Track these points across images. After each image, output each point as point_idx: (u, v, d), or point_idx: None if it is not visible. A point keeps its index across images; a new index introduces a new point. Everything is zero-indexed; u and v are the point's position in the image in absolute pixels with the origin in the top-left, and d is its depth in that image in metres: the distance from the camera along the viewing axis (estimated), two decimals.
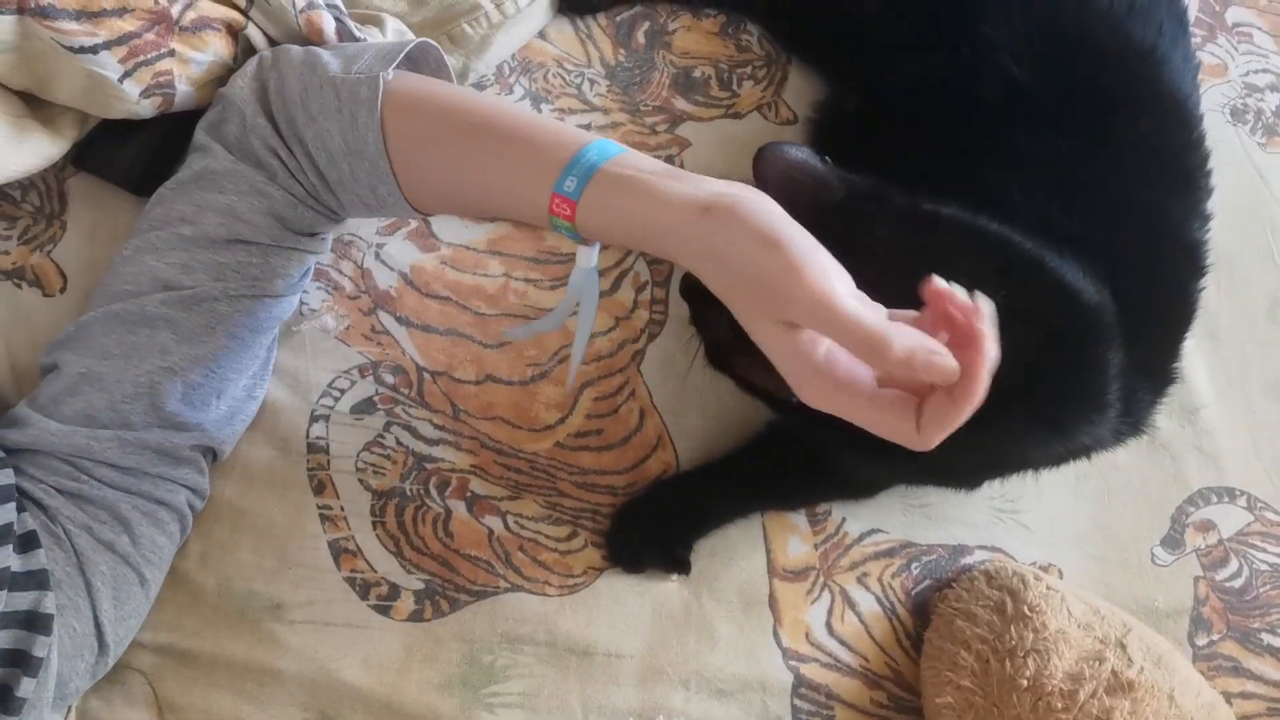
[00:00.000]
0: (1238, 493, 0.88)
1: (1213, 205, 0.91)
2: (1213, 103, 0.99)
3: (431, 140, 0.70)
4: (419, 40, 0.75)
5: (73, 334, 0.71)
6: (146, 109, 0.76)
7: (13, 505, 0.64)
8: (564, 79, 0.91)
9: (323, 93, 0.71)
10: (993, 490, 0.86)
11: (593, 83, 0.91)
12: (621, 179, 0.60)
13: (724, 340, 0.69)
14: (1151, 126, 0.79)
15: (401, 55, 0.72)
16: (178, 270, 0.70)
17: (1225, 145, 0.98)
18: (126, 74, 0.73)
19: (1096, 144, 0.77)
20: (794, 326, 0.52)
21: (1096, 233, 0.71)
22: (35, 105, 0.77)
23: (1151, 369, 0.75)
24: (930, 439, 0.51)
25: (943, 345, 0.49)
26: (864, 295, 0.52)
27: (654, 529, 0.80)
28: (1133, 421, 0.75)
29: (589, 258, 0.65)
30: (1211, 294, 0.92)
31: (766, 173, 0.67)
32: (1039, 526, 0.86)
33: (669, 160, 0.89)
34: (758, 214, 0.54)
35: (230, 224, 0.71)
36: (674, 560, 0.80)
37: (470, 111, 0.69)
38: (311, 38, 0.77)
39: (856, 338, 0.49)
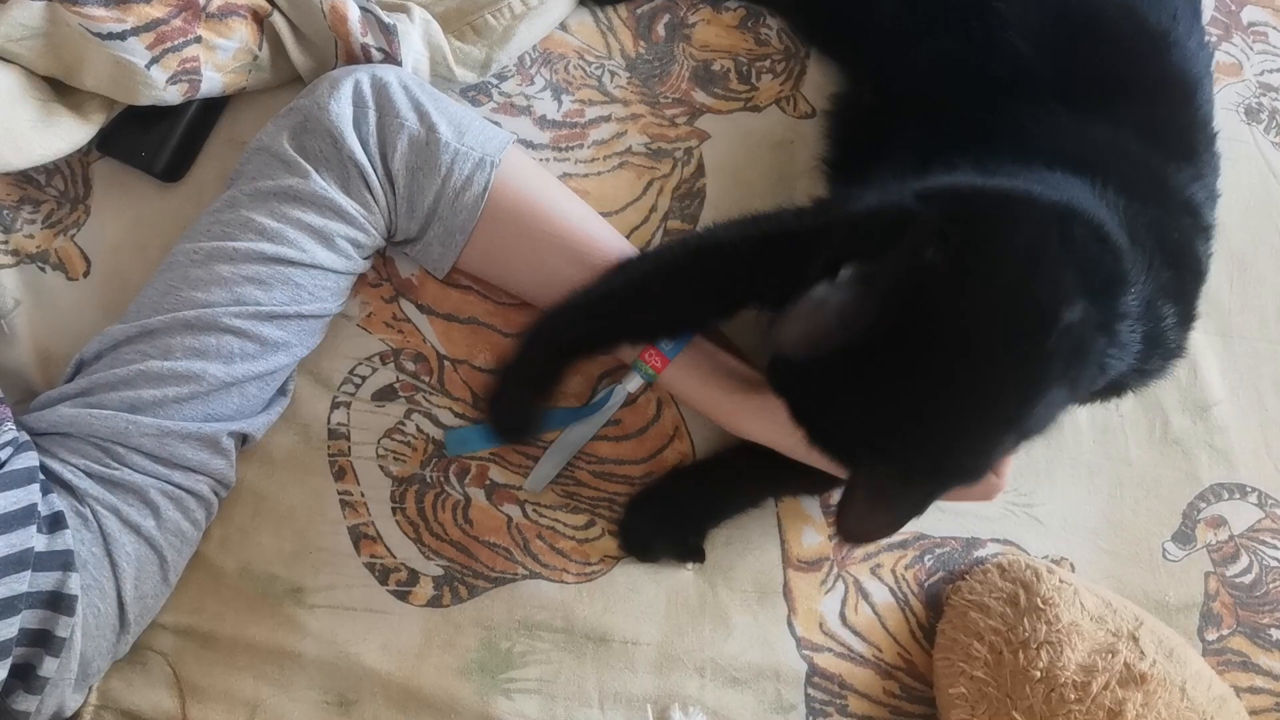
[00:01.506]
0: (1249, 489, 0.89)
1: (1224, 200, 0.92)
2: (1227, 102, 1.00)
3: (517, 251, 0.78)
4: (512, 137, 0.79)
5: (135, 333, 0.71)
6: (173, 95, 0.77)
7: (37, 486, 0.65)
8: (584, 70, 0.91)
9: (429, 150, 0.74)
10: (1007, 484, 0.86)
11: (613, 74, 0.92)
12: (705, 356, 0.77)
13: None
14: (1158, 105, 0.79)
15: (510, 140, 0.78)
16: (254, 285, 0.71)
17: (1239, 144, 0.98)
18: (153, 60, 0.74)
19: (1102, 118, 0.77)
20: None
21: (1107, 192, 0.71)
22: (62, 91, 0.78)
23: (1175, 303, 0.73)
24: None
25: None
26: None
27: (666, 517, 0.81)
28: (1163, 353, 0.73)
29: (634, 383, 0.79)
30: (1224, 291, 0.93)
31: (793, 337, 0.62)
32: (1052, 520, 0.86)
33: (688, 154, 0.90)
34: None
35: (314, 249, 0.72)
36: (687, 549, 0.81)
37: (572, 232, 0.77)
38: (335, 25, 0.78)
39: None
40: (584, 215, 0.80)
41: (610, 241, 0.79)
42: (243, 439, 0.76)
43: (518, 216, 0.77)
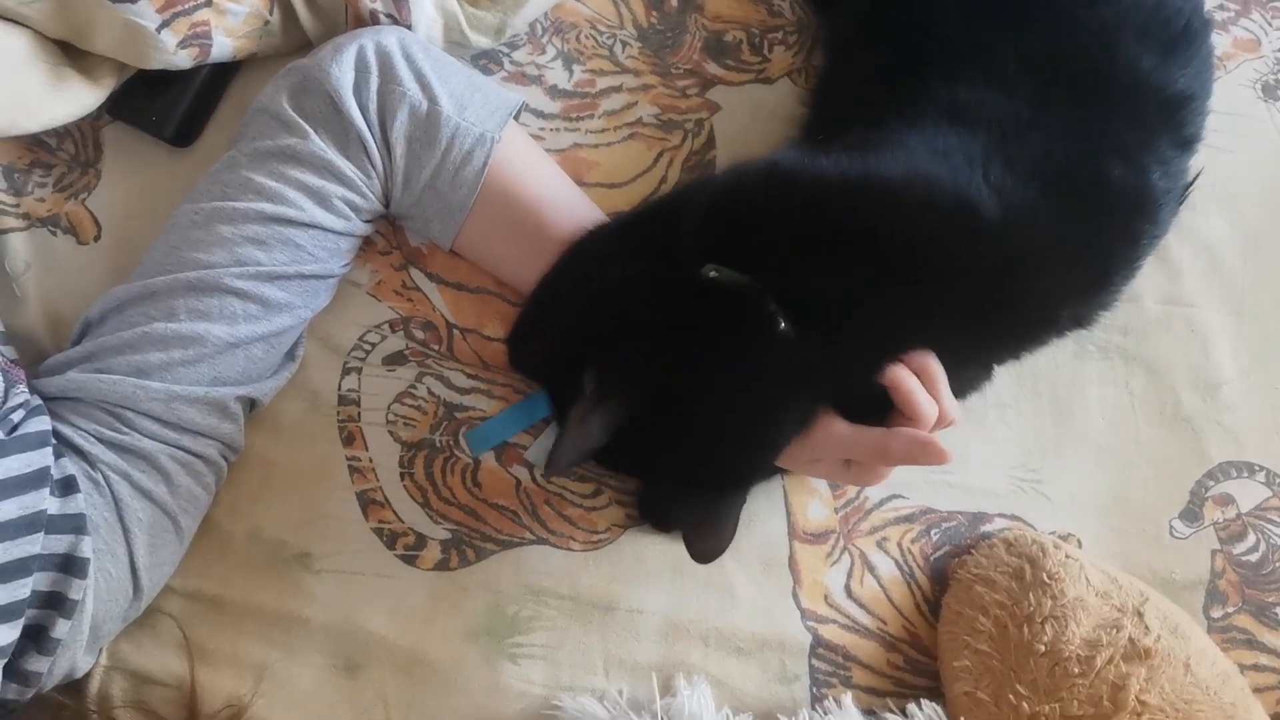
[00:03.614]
0: (1257, 468, 0.89)
1: (1239, 178, 0.92)
2: (1244, 79, 0.99)
3: (503, 235, 0.78)
4: (519, 99, 0.80)
5: (139, 294, 0.71)
6: (183, 60, 0.76)
7: (49, 450, 0.66)
8: (596, 40, 0.91)
9: (429, 123, 0.74)
10: (1014, 460, 0.86)
11: (624, 44, 0.91)
12: None
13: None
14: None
15: (510, 114, 0.78)
16: (254, 246, 0.71)
17: (1255, 122, 0.97)
18: (164, 24, 0.74)
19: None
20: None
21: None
22: (73, 55, 0.77)
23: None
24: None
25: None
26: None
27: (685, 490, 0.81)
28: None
29: None
30: (1238, 270, 0.93)
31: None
32: (1059, 496, 0.86)
33: (698, 125, 0.90)
34: None
35: (312, 209, 0.72)
36: None
37: (553, 224, 0.77)
38: None
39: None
40: (571, 201, 0.80)
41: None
42: (250, 404, 0.76)
43: (508, 197, 0.77)
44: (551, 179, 0.81)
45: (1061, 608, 0.75)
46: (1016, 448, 0.87)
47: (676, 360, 0.68)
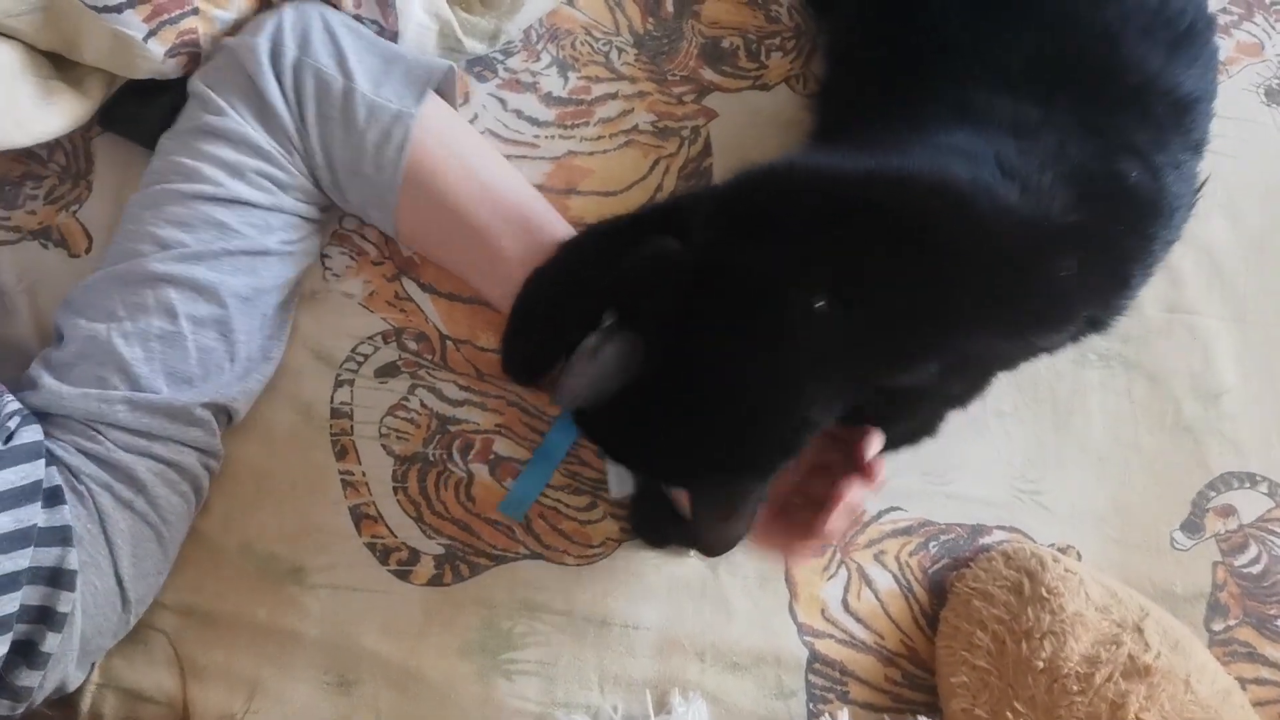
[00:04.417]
0: (1259, 478, 0.88)
1: (1242, 184, 0.91)
2: (1248, 83, 0.98)
3: (431, 218, 0.75)
4: (446, 66, 0.76)
5: (77, 296, 0.71)
6: (171, 69, 0.76)
7: (42, 461, 0.65)
8: (592, 46, 0.90)
9: (344, 101, 0.72)
10: (1014, 470, 0.86)
11: (620, 51, 0.90)
12: None
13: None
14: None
15: (430, 86, 0.75)
16: (177, 227, 0.70)
17: (1258, 126, 0.96)
18: (151, 33, 0.73)
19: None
20: None
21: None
22: (63, 67, 0.77)
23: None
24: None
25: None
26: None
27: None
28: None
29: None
30: (1240, 276, 0.92)
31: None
32: (1059, 507, 0.85)
33: (695, 133, 0.89)
34: None
35: (230, 183, 0.71)
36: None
37: (474, 212, 0.74)
38: None
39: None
40: (508, 174, 0.78)
41: (537, 203, 0.77)
42: (226, 414, 0.75)
43: (435, 176, 0.74)
44: (480, 154, 0.78)
45: (1060, 623, 0.74)
46: (1016, 457, 0.86)
47: (699, 324, 0.64)
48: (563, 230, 0.77)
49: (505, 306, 0.75)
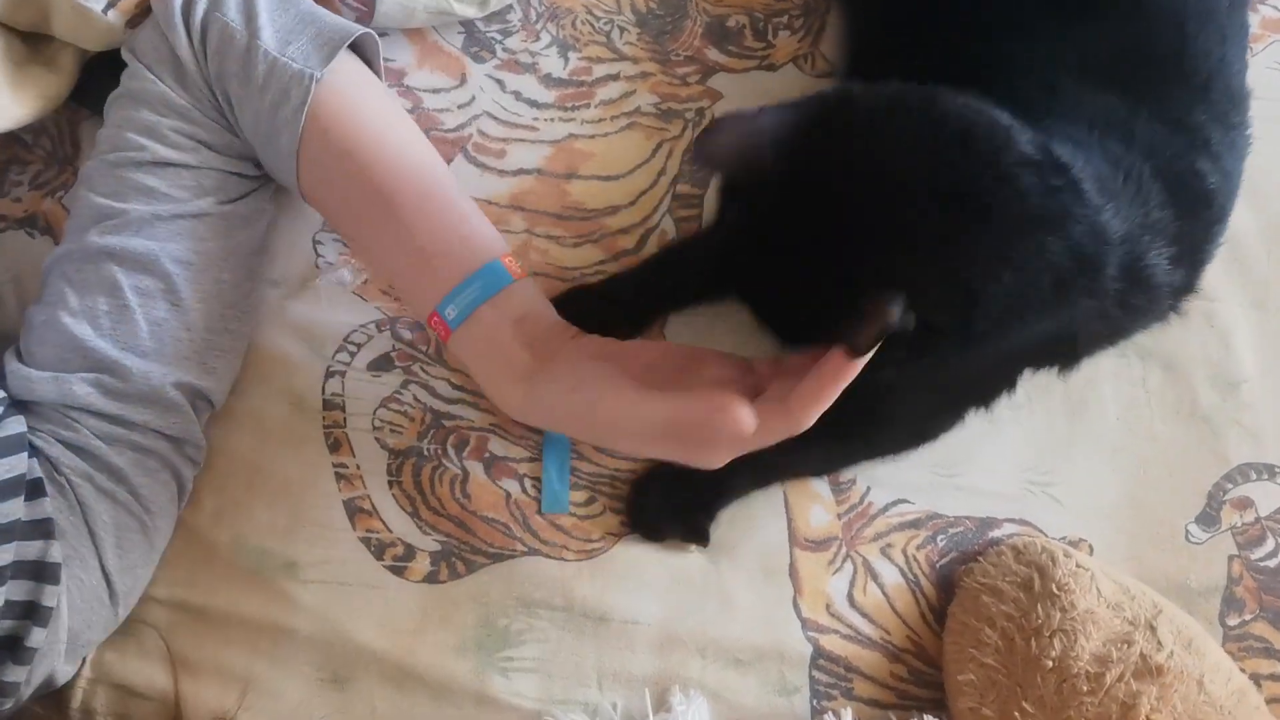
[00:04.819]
0: (1277, 470, 0.86)
1: (1264, 167, 0.88)
2: (1272, 59, 0.94)
3: (335, 184, 0.71)
4: (362, 31, 0.72)
5: (40, 282, 0.70)
6: None
7: (25, 454, 0.64)
8: (593, 26, 0.88)
9: (247, 57, 0.69)
10: (1024, 461, 0.83)
11: (622, 30, 0.88)
12: (492, 329, 0.67)
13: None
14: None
15: (340, 49, 0.71)
16: (109, 197, 0.69)
17: None
18: (109, 4, 0.72)
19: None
20: None
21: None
22: (38, 48, 0.75)
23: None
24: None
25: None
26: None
27: (675, 498, 0.78)
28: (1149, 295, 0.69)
29: None
30: (1261, 262, 0.89)
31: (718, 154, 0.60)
32: (1071, 500, 0.83)
33: (699, 115, 0.86)
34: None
35: (152, 146, 0.70)
36: (695, 531, 0.78)
37: (378, 178, 0.69)
38: None
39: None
40: (418, 144, 0.74)
41: (446, 177, 0.73)
42: (206, 398, 0.73)
43: (336, 138, 0.70)
44: (390, 123, 0.73)
45: (1071, 621, 0.72)
46: (1028, 447, 0.84)
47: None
48: (467, 205, 0.72)
49: (404, 280, 0.71)
